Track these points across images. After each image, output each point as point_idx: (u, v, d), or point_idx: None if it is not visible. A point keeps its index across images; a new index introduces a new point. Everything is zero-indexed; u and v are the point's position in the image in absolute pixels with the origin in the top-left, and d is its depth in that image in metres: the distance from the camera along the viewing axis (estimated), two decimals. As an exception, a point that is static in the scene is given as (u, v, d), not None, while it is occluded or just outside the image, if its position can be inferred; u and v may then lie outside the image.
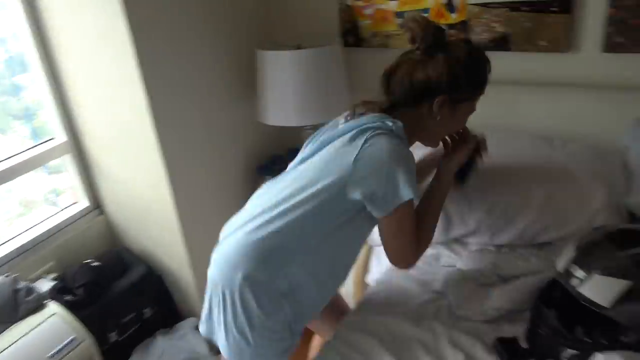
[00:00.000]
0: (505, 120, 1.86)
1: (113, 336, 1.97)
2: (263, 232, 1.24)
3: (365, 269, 1.91)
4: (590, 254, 1.16)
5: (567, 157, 1.66)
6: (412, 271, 1.61)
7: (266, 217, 1.26)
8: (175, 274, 2.19)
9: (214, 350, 2.13)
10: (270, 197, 1.31)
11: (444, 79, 1.25)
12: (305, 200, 1.23)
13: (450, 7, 1.89)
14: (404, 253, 1.32)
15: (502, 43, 1.84)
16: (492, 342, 1.29)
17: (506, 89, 1.86)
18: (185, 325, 2.18)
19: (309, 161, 1.33)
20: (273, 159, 2.40)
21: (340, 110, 2.09)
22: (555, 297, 1.27)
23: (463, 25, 1.89)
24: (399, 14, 2.00)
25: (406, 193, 1.20)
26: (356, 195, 1.21)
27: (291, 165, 1.41)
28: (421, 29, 1.26)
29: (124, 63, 1.77)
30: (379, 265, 1.80)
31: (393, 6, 2.00)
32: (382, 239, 1.32)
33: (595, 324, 1.23)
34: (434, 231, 1.39)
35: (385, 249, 1.33)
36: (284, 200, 1.26)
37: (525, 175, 1.62)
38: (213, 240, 2.21)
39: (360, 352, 1.34)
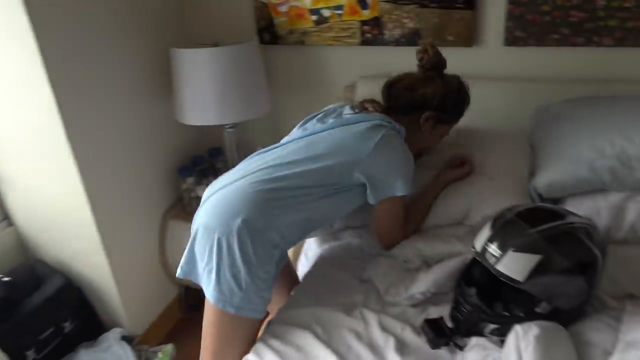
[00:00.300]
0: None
1: (31, 354, 1.85)
2: (268, 185, 1.38)
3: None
4: (504, 233, 1.24)
5: (477, 146, 1.76)
6: (340, 262, 1.65)
7: (273, 174, 1.40)
8: (96, 284, 2.09)
9: (143, 359, 2.07)
10: (275, 158, 1.45)
11: (437, 98, 1.51)
12: (316, 170, 1.40)
13: (363, 4, 1.94)
14: (388, 235, 1.56)
15: (413, 38, 1.92)
16: (420, 324, 1.35)
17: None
18: (110, 336, 2.09)
19: (318, 136, 1.49)
20: (194, 159, 2.35)
21: (261, 107, 2.10)
22: (476, 276, 1.35)
23: (376, 21, 1.95)
24: (313, 11, 2.03)
25: (401, 189, 1.44)
26: (361, 176, 1.42)
27: (288, 138, 1.57)
28: (434, 53, 1.54)
29: (29, 64, 1.67)
30: (307, 262, 1.82)
31: (307, 3, 2.03)
32: (373, 218, 1.56)
33: (512, 298, 1.32)
34: (415, 226, 1.61)
35: (375, 227, 1.57)
36: (293, 163, 1.42)
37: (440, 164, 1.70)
38: (135, 245, 2.15)
39: (292, 345, 1.34)
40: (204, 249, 1.38)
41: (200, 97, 2.00)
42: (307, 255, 1.84)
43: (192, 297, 2.50)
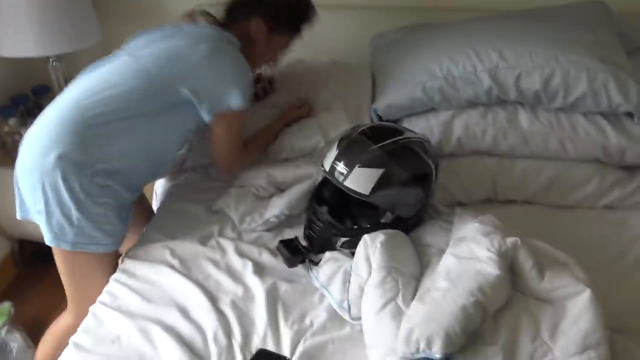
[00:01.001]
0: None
1: None
2: (88, 112, 1.28)
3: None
4: (350, 151, 1.30)
5: (319, 78, 1.80)
6: (190, 196, 1.62)
7: (94, 97, 1.30)
8: None
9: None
10: (98, 78, 1.35)
11: (272, 3, 1.45)
12: (141, 88, 1.31)
13: None
14: (225, 157, 1.50)
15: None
16: (276, 246, 1.38)
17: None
18: None
19: (144, 50, 1.37)
20: (15, 99, 2.09)
21: (90, 37, 1.91)
22: (326, 195, 1.41)
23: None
24: None
25: (236, 100, 1.35)
26: (187, 90, 1.32)
27: (122, 50, 1.43)
28: None
29: None
30: (157, 199, 1.76)
31: None
32: (210, 140, 1.48)
33: (359, 212, 1.41)
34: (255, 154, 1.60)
35: (212, 151, 1.50)
36: (116, 83, 1.32)
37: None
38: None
39: (148, 280, 1.31)
40: (29, 191, 1.32)
41: (15, 23, 1.77)
42: (157, 193, 1.77)
43: (28, 250, 2.28)
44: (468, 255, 1.13)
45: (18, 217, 1.42)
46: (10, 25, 1.77)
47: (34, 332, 1.91)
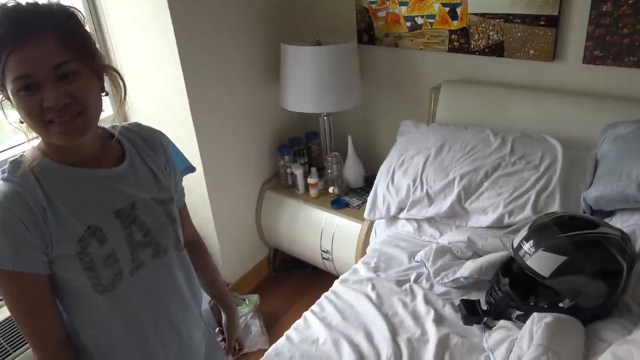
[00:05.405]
0: (496, 119, 2.10)
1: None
2: None
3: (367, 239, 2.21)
4: (539, 234, 1.43)
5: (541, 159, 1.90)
6: (401, 242, 1.90)
7: None
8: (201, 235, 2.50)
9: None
10: None
11: None
12: None
13: (453, 15, 2.13)
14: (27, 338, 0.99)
15: (496, 49, 2.08)
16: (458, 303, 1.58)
17: (499, 90, 2.11)
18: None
19: None
20: (292, 140, 2.68)
21: (353, 100, 2.37)
22: (512, 268, 1.55)
23: (463, 31, 2.13)
24: (408, 18, 2.25)
25: None
26: None
27: None
28: None
29: (167, 51, 2.07)
30: (374, 237, 2.10)
31: (403, 10, 2.25)
32: None
33: (541, 292, 1.50)
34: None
35: None
36: None
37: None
38: (236, 207, 2.54)
39: (349, 305, 1.64)
40: None
41: (302, 88, 2.31)
42: (377, 232, 2.12)
43: (279, 259, 2.86)
44: (625, 357, 1.16)
45: None
46: (298, 88, 2.32)
47: (269, 323, 2.43)
